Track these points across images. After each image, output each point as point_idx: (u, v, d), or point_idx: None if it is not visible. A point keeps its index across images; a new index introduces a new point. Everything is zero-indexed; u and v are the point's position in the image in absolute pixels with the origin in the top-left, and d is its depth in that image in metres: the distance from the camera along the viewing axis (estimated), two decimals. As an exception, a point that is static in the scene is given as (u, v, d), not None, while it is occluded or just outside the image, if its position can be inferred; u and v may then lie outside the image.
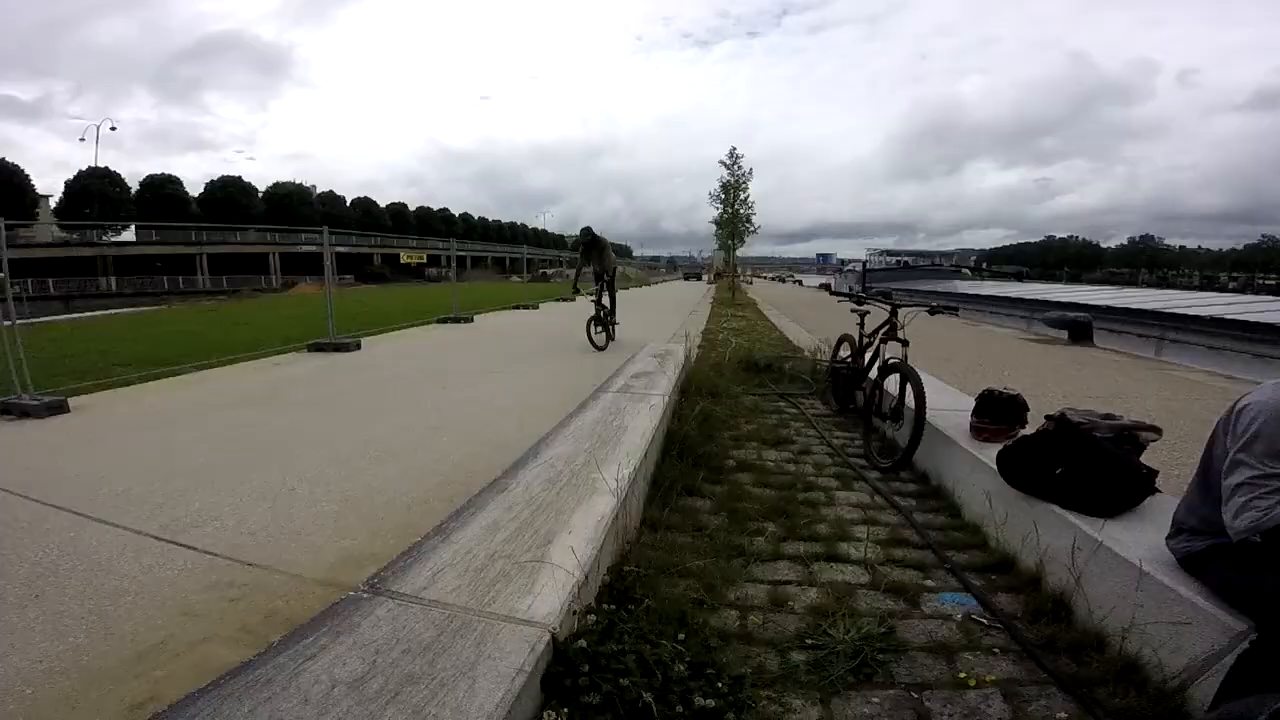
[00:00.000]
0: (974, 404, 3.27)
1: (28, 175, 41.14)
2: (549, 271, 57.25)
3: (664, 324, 11.65)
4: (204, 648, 1.77)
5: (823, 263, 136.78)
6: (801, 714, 1.65)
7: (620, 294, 8.96)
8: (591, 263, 8.35)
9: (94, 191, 42.95)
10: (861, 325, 4.75)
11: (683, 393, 4.85)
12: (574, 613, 1.67)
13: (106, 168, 45.39)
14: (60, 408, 4.74)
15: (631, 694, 1.45)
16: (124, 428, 4.31)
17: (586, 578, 1.82)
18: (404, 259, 53.32)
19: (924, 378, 3.62)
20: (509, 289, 26.46)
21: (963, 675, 1.80)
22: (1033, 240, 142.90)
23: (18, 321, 5.03)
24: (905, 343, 3.94)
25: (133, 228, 45.19)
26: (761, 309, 18.71)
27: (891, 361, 3.94)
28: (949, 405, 3.74)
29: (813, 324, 11.93)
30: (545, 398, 5.04)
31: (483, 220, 78.27)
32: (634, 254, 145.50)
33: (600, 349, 7.59)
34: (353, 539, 2.52)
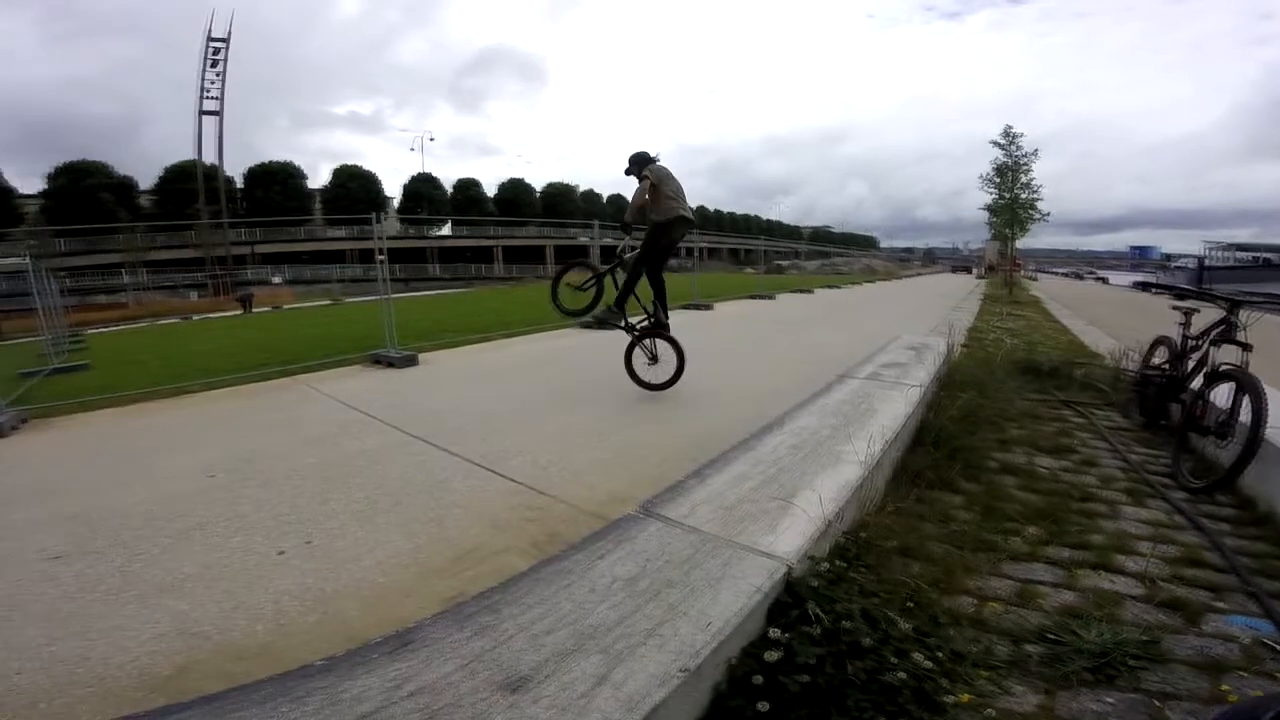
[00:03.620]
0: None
1: (380, 181, 51.86)
2: (783, 264, 56.54)
3: (915, 320, 10.76)
4: (503, 556, 2.26)
5: (1139, 257, 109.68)
6: (1019, 699, 1.58)
7: (867, 286, 8.39)
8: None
9: (423, 194, 53.69)
10: (1185, 325, 3.96)
11: (941, 387, 4.54)
12: (809, 558, 1.81)
13: (429, 173, 56.05)
14: (413, 360, 6.34)
15: (850, 636, 1.54)
16: (455, 378, 5.62)
17: (825, 531, 1.94)
18: (651, 249, 57.43)
19: (1269, 391, 2.92)
20: (743, 279, 26.67)
21: (1224, 688, 1.56)
22: None
23: (391, 297, 6.85)
24: (1247, 346, 3.21)
25: (449, 224, 55.62)
26: (1047, 307, 16.02)
27: (1224, 368, 3.24)
28: (1301, 423, 2.95)
29: (1117, 327, 9.86)
30: (779, 380, 5.19)
31: (717, 212, 79.17)
32: (880, 245, 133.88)
33: (655, 386, 4.64)
34: (617, 483, 3.00)
